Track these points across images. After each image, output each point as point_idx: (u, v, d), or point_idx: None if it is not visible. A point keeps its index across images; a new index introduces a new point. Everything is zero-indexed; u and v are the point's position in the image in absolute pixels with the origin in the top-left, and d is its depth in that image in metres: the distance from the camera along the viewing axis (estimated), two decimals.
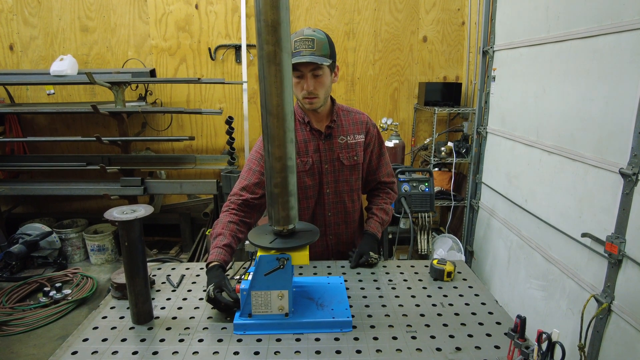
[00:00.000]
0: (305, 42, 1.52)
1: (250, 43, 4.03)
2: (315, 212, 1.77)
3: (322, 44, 1.54)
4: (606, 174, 1.97)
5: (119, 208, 1.24)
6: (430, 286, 1.50)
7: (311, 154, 1.70)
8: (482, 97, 3.46)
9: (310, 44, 1.51)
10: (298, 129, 1.71)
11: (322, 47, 1.54)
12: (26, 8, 3.95)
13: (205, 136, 4.29)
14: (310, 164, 1.70)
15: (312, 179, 1.72)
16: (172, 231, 4.31)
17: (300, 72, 1.55)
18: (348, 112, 1.78)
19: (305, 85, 1.56)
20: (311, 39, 1.52)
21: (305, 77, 1.56)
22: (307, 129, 1.71)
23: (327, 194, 1.75)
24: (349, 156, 1.73)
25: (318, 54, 1.52)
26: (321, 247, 1.82)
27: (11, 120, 4.02)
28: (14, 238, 3.73)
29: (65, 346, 1.17)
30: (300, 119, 1.71)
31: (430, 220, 3.59)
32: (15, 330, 2.89)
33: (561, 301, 2.32)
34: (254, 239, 1.23)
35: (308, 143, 1.71)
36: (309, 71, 1.55)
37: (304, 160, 1.69)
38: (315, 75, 1.56)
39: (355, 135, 1.74)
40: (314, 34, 1.54)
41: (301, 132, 1.71)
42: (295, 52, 1.52)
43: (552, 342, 0.97)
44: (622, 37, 1.89)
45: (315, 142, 1.71)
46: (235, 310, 1.25)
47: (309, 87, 1.56)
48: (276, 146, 1.14)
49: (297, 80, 1.58)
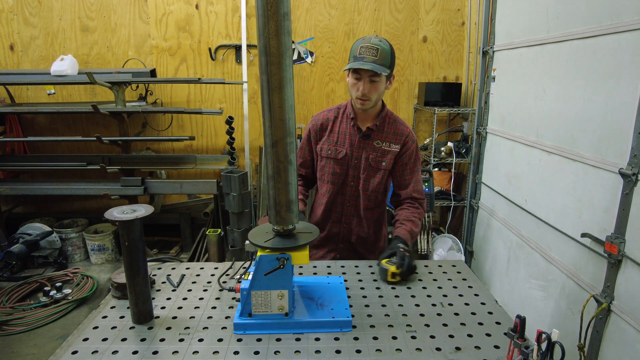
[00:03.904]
0: (371, 49, 1.64)
1: (251, 43, 4.03)
2: (335, 198, 1.91)
3: (385, 54, 1.65)
4: (606, 174, 1.97)
5: (119, 208, 1.24)
6: (430, 286, 1.50)
7: (346, 147, 1.85)
8: (482, 97, 3.46)
9: (374, 53, 1.64)
10: (343, 121, 1.87)
11: (385, 57, 1.65)
12: (27, 8, 3.95)
13: (205, 136, 4.29)
14: (343, 154, 1.85)
15: (340, 168, 1.86)
16: (172, 231, 4.31)
17: (359, 74, 1.68)
18: (394, 121, 1.87)
19: (362, 88, 1.69)
20: (376, 48, 1.64)
21: (363, 81, 1.68)
22: (351, 123, 1.84)
23: (350, 186, 1.89)
24: (377, 160, 1.84)
25: (379, 63, 1.64)
26: (334, 231, 1.96)
27: (11, 120, 4.03)
28: (14, 238, 3.73)
29: (66, 346, 1.17)
30: (349, 114, 1.85)
31: (430, 220, 3.59)
32: (16, 329, 2.89)
33: (561, 301, 2.32)
34: (253, 238, 1.23)
35: (347, 136, 1.85)
36: (367, 76, 1.67)
37: (339, 149, 1.85)
38: (372, 80, 1.68)
39: (392, 144, 1.84)
40: (380, 43, 1.67)
41: (345, 125, 1.86)
42: (359, 57, 1.65)
43: (551, 342, 0.97)
44: (622, 37, 1.89)
45: (353, 138, 1.84)
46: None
47: (365, 90, 1.69)
48: (277, 146, 1.14)
49: (355, 82, 1.71)
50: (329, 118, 1.90)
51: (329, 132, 1.88)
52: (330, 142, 1.87)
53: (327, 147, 1.87)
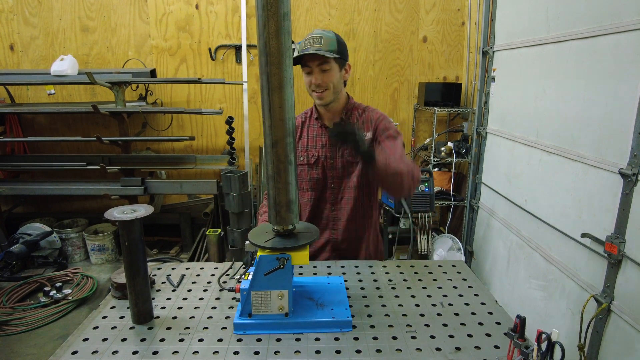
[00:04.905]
0: (314, 39, 1.60)
1: (251, 43, 4.03)
2: (318, 205, 1.81)
3: (329, 40, 1.60)
4: (606, 174, 1.97)
5: (119, 208, 1.24)
6: (430, 286, 1.50)
7: (317, 149, 1.77)
8: (482, 97, 3.46)
9: (318, 41, 1.60)
10: (311, 124, 1.80)
11: (329, 44, 1.60)
12: (26, 8, 3.95)
13: (205, 136, 4.29)
14: (315, 157, 1.77)
15: (317, 172, 1.78)
16: (172, 231, 4.31)
17: (309, 67, 1.63)
18: (363, 110, 1.78)
19: (313, 79, 1.63)
20: (319, 37, 1.60)
21: (313, 72, 1.63)
22: (318, 124, 1.79)
23: (332, 188, 1.79)
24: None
25: (324, 49, 1.58)
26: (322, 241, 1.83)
27: (11, 120, 4.02)
28: (14, 238, 3.73)
29: (66, 346, 1.17)
30: (314, 115, 1.80)
31: (430, 220, 3.59)
32: (16, 330, 2.89)
33: (561, 301, 2.32)
34: (253, 238, 1.23)
35: (317, 138, 1.78)
36: (316, 65, 1.62)
37: (311, 154, 1.77)
38: (323, 70, 1.62)
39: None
40: (324, 32, 1.63)
41: (313, 128, 1.80)
42: (303, 49, 1.60)
43: (551, 342, 0.97)
44: (622, 37, 1.89)
45: (323, 138, 1.77)
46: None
47: (317, 80, 1.63)
48: (277, 146, 1.14)
49: (307, 76, 1.66)
50: (297, 124, 1.79)
51: (299, 139, 1.81)
52: (301, 148, 1.79)
53: (299, 153, 1.78)
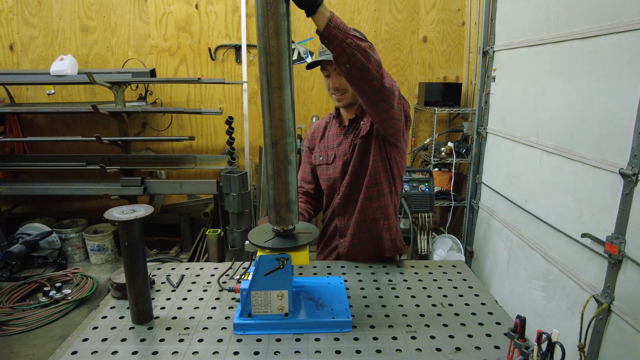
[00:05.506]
0: None
1: (251, 43, 4.02)
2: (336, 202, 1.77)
3: None
4: (606, 174, 1.96)
5: (119, 208, 1.24)
6: (430, 286, 1.50)
7: (335, 147, 1.79)
8: (482, 97, 3.46)
9: None
10: (332, 124, 1.83)
11: None
12: (26, 8, 3.95)
13: (205, 136, 4.29)
14: (334, 157, 1.79)
15: (334, 172, 1.78)
16: (172, 231, 4.31)
17: (327, 71, 1.66)
18: None
19: (331, 82, 1.66)
20: None
21: (331, 75, 1.65)
22: (337, 124, 1.81)
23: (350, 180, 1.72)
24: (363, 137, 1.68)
25: None
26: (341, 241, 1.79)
27: (11, 120, 4.02)
28: (14, 238, 3.73)
29: (65, 346, 1.17)
30: (334, 114, 1.83)
31: (430, 221, 3.59)
32: (15, 330, 2.89)
33: (561, 301, 2.32)
34: (253, 238, 1.23)
35: (335, 137, 1.81)
36: (333, 69, 1.63)
37: (330, 153, 1.80)
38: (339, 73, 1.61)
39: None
40: None
41: (333, 128, 1.82)
42: (321, 52, 1.64)
43: (552, 342, 0.97)
44: (622, 37, 1.89)
45: (340, 137, 1.79)
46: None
47: (334, 84, 1.65)
48: (277, 146, 1.14)
49: (326, 79, 1.68)
50: (321, 126, 1.87)
51: (321, 139, 1.84)
52: (322, 148, 1.83)
53: (319, 153, 1.83)
